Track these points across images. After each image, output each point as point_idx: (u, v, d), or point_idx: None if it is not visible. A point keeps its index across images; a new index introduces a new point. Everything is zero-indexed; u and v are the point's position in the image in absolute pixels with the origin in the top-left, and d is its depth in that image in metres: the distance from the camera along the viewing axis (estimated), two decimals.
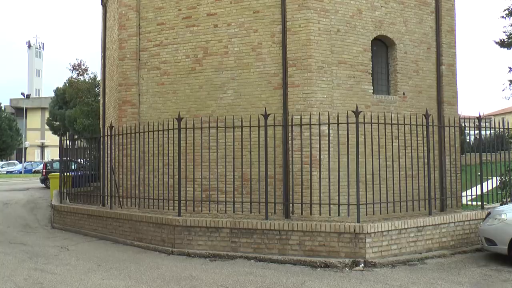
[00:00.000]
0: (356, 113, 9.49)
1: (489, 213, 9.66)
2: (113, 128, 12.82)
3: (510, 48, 19.59)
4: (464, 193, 12.61)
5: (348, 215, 9.61)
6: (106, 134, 13.74)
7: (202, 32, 13.36)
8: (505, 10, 19.64)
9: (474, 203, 12.75)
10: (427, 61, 14.21)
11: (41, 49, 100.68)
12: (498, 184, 13.39)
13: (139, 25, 14.26)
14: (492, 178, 12.78)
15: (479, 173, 11.63)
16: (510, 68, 20.17)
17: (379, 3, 13.47)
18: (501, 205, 11.61)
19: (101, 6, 19.27)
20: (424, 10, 14.35)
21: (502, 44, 19.62)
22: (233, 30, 13.00)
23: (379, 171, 12.03)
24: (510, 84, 20.40)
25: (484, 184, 11.68)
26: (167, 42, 13.81)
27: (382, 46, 13.86)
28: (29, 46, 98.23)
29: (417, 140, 11.03)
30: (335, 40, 12.53)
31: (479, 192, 11.67)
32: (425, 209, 10.53)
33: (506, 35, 19.74)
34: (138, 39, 14.22)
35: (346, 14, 12.84)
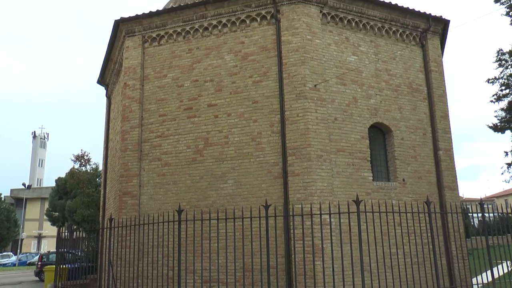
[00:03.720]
0: (357, 202, 9.46)
1: None
2: (113, 220, 12.71)
3: (504, 132, 20.02)
4: (474, 280, 12.18)
5: None
6: (106, 226, 13.58)
7: (203, 123, 13.70)
8: (493, 95, 20.33)
9: None
10: (424, 147, 14.44)
11: (45, 139, 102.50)
12: (509, 269, 12.99)
13: (142, 116, 14.65)
14: (502, 263, 12.45)
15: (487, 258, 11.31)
16: (506, 152, 20.47)
17: (373, 91, 13.97)
18: None
19: (105, 98, 20.00)
20: (417, 97, 14.85)
21: (495, 128, 20.09)
22: (233, 120, 13.35)
23: (384, 258, 11.72)
24: (508, 168, 20.55)
25: (495, 269, 11.32)
26: (168, 133, 14.11)
27: (379, 133, 14.16)
28: (34, 137, 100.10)
29: (420, 227, 10.89)
30: (333, 129, 12.83)
31: (490, 278, 11.28)
32: None
33: (498, 119, 20.26)
34: (141, 130, 14.53)
35: (342, 102, 13.27)
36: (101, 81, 20.03)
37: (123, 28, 15.43)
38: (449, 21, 16.08)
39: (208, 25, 14.35)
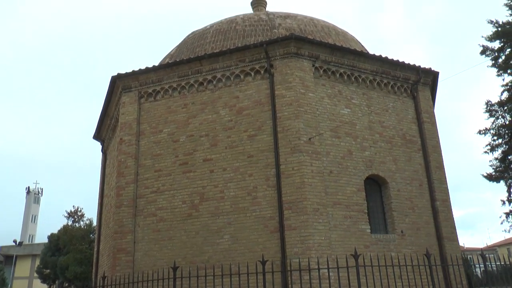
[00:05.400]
0: (356, 256, 9.28)
1: None
2: (106, 278, 12.36)
3: (499, 182, 20.06)
4: None
5: None
6: (98, 284, 13.20)
7: (198, 178, 13.65)
8: (487, 145, 20.52)
9: None
10: (421, 198, 14.37)
11: (39, 194, 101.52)
12: None
13: (137, 172, 14.59)
14: None
15: None
16: (503, 201, 20.42)
17: (367, 143, 14.07)
18: None
19: (101, 153, 20.00)
20: (411, 148, 14.95)
21: (490, 178, 20.14)
22: (228, 175, 13.32)
23: None
24: (507, 217, 20.42)
25: None
26: (164, 189, 14.02)
27: (375, 185, 14.13)
28: (28, 192, 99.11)
29: (421, 279, 10.64)
30: (329, 182, 12.80)
31: None
32: None
33: (493, 168, 20.35)
34: (136, 186, 14.43)
35: (337, 155, 13.32)
36: (97, 136, 20.12)
37: (119, 84, 15.68)
38: (438, 73, 16.48)
39: (203, 80, 14.62)
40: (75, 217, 28.56)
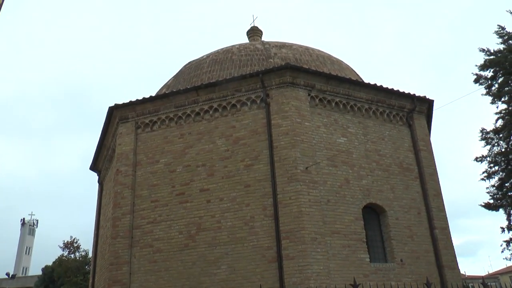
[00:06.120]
0: (355, 286, 9.12)
1: None
2: None
3: (498, 210, 19.95)
4: None
5: None
6: None
7: (195, 208, 13.56)
8: (483, 172, 20.50)
9: None
10: (420, 226, 14.28)
11: (34, 226, 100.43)
12: None
13: (134, 202, 14.48)
14: None
15: None
16: (502, 228, 20.26)
17: (364, 172, 14.06)
18: None
19: (98, 184, 19.89)
20: (409, 176, 14.93)
21: (489, 207, 20.03)
22: (225, 205, 13.24)
23: None
24: (507, 245, 20.22)
25: None
26: (160, 219, 13.90)
27: (373, 213, 14.06)
28: (23, 224, 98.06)
29: None
30: (326, 211, 12.73)
31: None
32: None
33: (491, 195, 20.27)
34: (132, 217, 14.31)
35: (334, 184, 13.29)
36: (94, 167, 20.05)
37: (117, 115, 15.73)
38: (433, 101, 16.62)
39: (200, 110, 14.69)
40: (71, 248, 28.17)
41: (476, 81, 20.26)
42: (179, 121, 14.93)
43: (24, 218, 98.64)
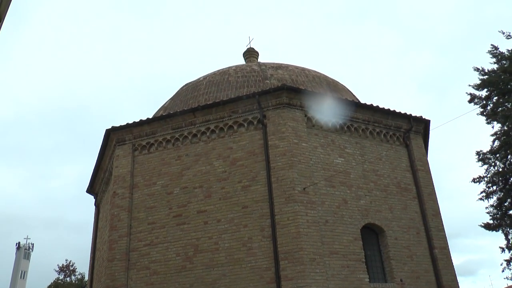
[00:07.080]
0: None
1: None
2: None
3: (498, 230, 19.84)
4: None
5: None
6: None
7: (192, 230, 13.46)
8: (481, 192, 20.44)
9: None
10: (419, 246, 14.19)
11: (30, 250, 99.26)
12: None
13: (130, 225, 14.37)
14: None
15: None
16: (502, 248, 20.12)
17: (362, 192, 14.03)
18: None
19: (94, 207, 19.76)
20: (407, 196, 14.90)
21: (488, 227, 19.92)
22: (223, 226, 13.16)
23: None
24: (508, 265, 20.03)
25: None
26: (157, 241, 13.78)
27: (371, 233, 13.98)
28: (18, 248, 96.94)
29: None
30: (325, 231, 12.66)
31: None
32: None
33: (490, 215, 20.18)
34: (129, 239, 14.18)
35: (332, 204, 13.24)
36: (91, 190, 19.95)
37: (114, 137, 15.73)
38: (429, 121, 16.70)
39: (197, 131, 14.71)
40: (67, 271, 27.80)
41: (470, 101, 20.39)
42: (176, 143, 14.94)
43: (19, 242, 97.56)
